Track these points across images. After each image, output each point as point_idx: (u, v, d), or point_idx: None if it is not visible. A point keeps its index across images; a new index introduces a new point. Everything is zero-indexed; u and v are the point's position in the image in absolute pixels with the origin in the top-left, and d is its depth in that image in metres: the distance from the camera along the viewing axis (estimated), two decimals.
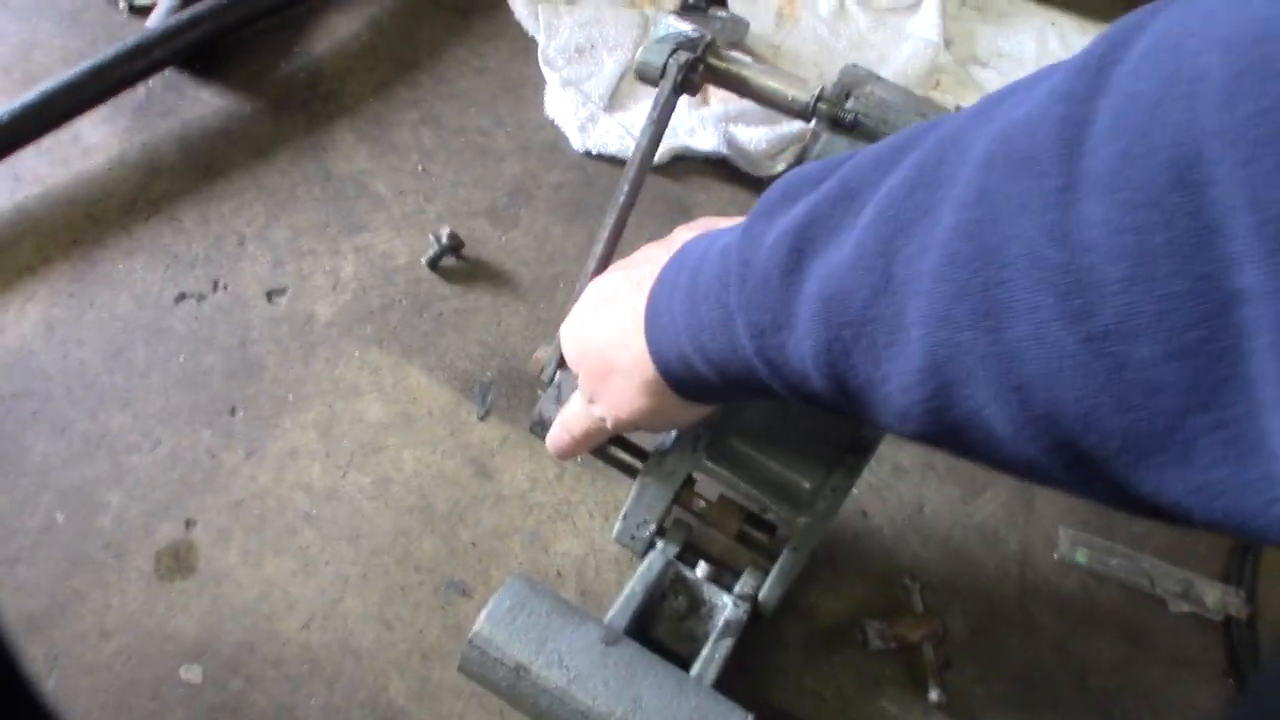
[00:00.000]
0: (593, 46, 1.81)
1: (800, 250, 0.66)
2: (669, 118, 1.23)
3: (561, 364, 1.17)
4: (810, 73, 1.89)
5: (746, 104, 1.76)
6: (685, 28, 1.25)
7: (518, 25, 1.82)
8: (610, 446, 1.23)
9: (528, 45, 1.80)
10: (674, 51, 1.22)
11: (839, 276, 0.63)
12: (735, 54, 1.34)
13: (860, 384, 0.64)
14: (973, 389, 0.56)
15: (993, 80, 2.03)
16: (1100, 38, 0.51)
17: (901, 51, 1.98)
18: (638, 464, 1.22)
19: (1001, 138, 0.54)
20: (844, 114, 1.28)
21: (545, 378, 1.20)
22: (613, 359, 0.95)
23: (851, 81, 1.60)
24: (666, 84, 1.21)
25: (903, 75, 1.93)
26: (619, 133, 1.67)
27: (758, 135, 1.73)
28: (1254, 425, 0.46)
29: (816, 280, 0.65)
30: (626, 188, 1.21)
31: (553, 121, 1.71)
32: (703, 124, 1.71)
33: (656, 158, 1.66)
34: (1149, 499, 0.52)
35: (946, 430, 0.60)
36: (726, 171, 1.71)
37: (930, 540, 1.41)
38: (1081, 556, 1.43)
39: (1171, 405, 0.48)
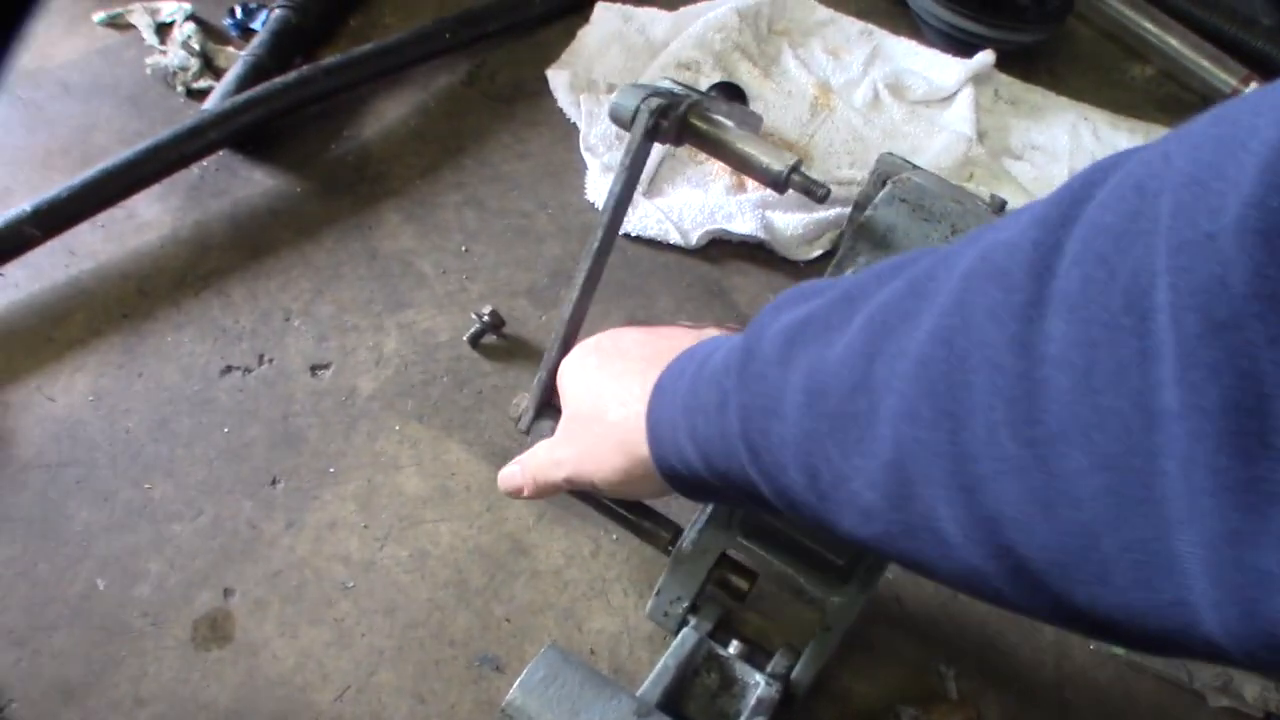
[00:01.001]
0: None
1: (795, 342, 0.70)
2: (642, 164, 1.23)
3: (539, 413, 1.19)
4: (844, 161, 1.93)
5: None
6: (675, 87, 1.27)
7: (559, 113, 1.87)
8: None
9: (569, 132, 1.84)
10: (647, 98, 1.23)
11: (826, 370, 0.66)
12: (718, 118, 1.29)
13: (831, 478, 0.66)
14: (930, 488, 0.58)
15: (1026, 173, 2.06)
16: (1080, 173, 0.55)
17: (935, 143, 2.01)
18: (621, 510, 1.22)
19: (982, 255, 0.57)
20: (816, 187, 1.22)
21: (522, 427, 1.22)
22: (605, 409, 0.97)
23: (889, 169, 1.63)
24: (638, 129, 1.21)
25: (936, 166, 1.96)
26: (658, 216, 1.71)
27: (794, 221, 1.77)
28: (1164, 546, 0.47)
29: (805, 372, 0.68)
30: (600, 233, 1.21)
31: (594, 205, 1.74)
32: (740, 209, 1.75)
33: (696, 241, 1.69)
34: (1087, 616, 0.54)
35: (902, 531, 0.62)
36: (764, 256, 1.74)
37: (965, 627, 1.40)
38: (1119, 648, 1.42)
39: (1092, 519, 0.50)
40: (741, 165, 1.34)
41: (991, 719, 1.33)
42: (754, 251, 1.74)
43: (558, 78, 1.94)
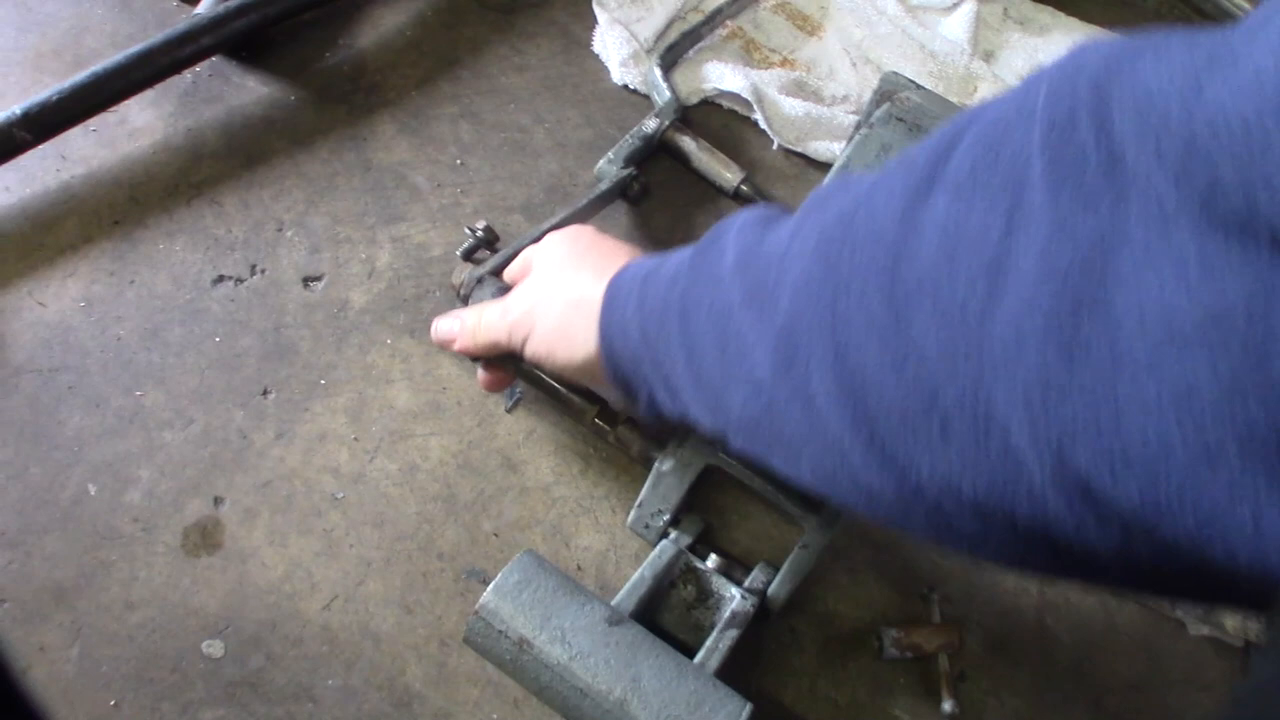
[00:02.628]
0: None
1: (744, 231, 0.80)
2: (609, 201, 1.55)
3: (481, 280, 1.33)
4: (844, 66, 1.90)
5: (794, 76, 1.85)
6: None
7: (559, 24, 1.84)
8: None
9: (568, 44, 1.82)
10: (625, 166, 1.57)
11: (759, 249, 0.74)
12: (685, 136, 1.65)
13: (738, 346, 0.72)
14: (810, 352, 0.64)
15: None
16: (940, 134, 0.62)
17: (936, 50, 1.99)
18: (559, 387, 1.32)
19: (903, 153, 0.66)
20: (756, 197, 1.61)
21: (464, 292, 1.34)
22: (572, 284, 1.08)
23: (891, 88, 1.62)
24: (613, 190, 1.55)
25: (939, 78, 1.93)
26: (654, 78, 1.75)
27: (793, 103, 1.80)
28: (989, 394, 0.53)
29: (742, 248, 0.76)
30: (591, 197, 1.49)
31: (599, 56, 1.82)
32: (735, 73, 1.81)
33: (687, 99, 1.79)
34: (930, 493, 0.59)
35: (783, 402, 0.67)
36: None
37: (950, 552, 1.41)
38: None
39: (933, 374, 0.55)
40: (701, 173, 1.65)
41: (972, 642, 1.34)
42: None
43: None
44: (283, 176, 1.55)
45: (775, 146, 1.76)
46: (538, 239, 1.33)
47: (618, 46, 1.79)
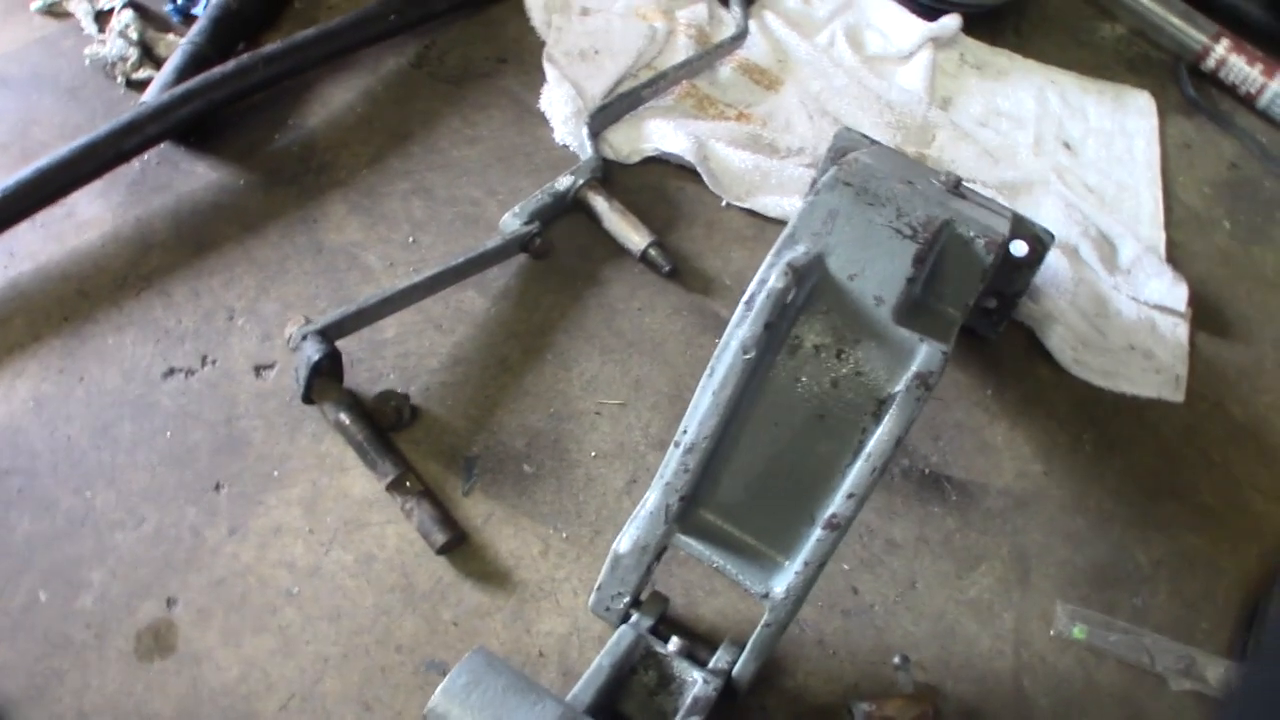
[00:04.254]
0: (597, 52, 1.90)
1: None
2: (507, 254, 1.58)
3: (305, 337, 1.35)
4: (801, 119, 1.89)
5: (748, 129, 1.84)
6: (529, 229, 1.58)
7: (511, 93, 1.83)
8: (341, 414, 1.34)
9: (520, 113, 1.81)
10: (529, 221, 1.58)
11: None
12: (599, 196, 1.66)
13: None
14: None
15: (990, 139, 2.02)
16: None
17: (894, 100, 1.98)
18: (356, 434, 1.33)
19: None
20: (664, 263, 1.62)
21: (291, 345, 1.36)
22: None
23: (845, 144, 1.61)
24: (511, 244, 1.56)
25: (897, 128, 1.92)
26: (580, 135, 1.76)
27: (737, 156, 1.80)
28: None
29: None
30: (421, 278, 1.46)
31: (545, 116, 1.81)
32: (678, 130, 1.79)
33: (628, 158, 1.79)
34: None
35: None
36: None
37: (922, 617, 1.38)
38: (1080, 632, 1.40)
39: None
40: (612, 232, 1.65)
41: (948, 711, 1.31)
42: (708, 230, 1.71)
43: None
44: (233, 263, 1.54)
45: (725, 205, 1.75)
46: (390, 298, 1.40)
47: (562, 104, 1.79)
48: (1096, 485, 1.57)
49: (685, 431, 1.10)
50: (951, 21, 2.17)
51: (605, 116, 1.79)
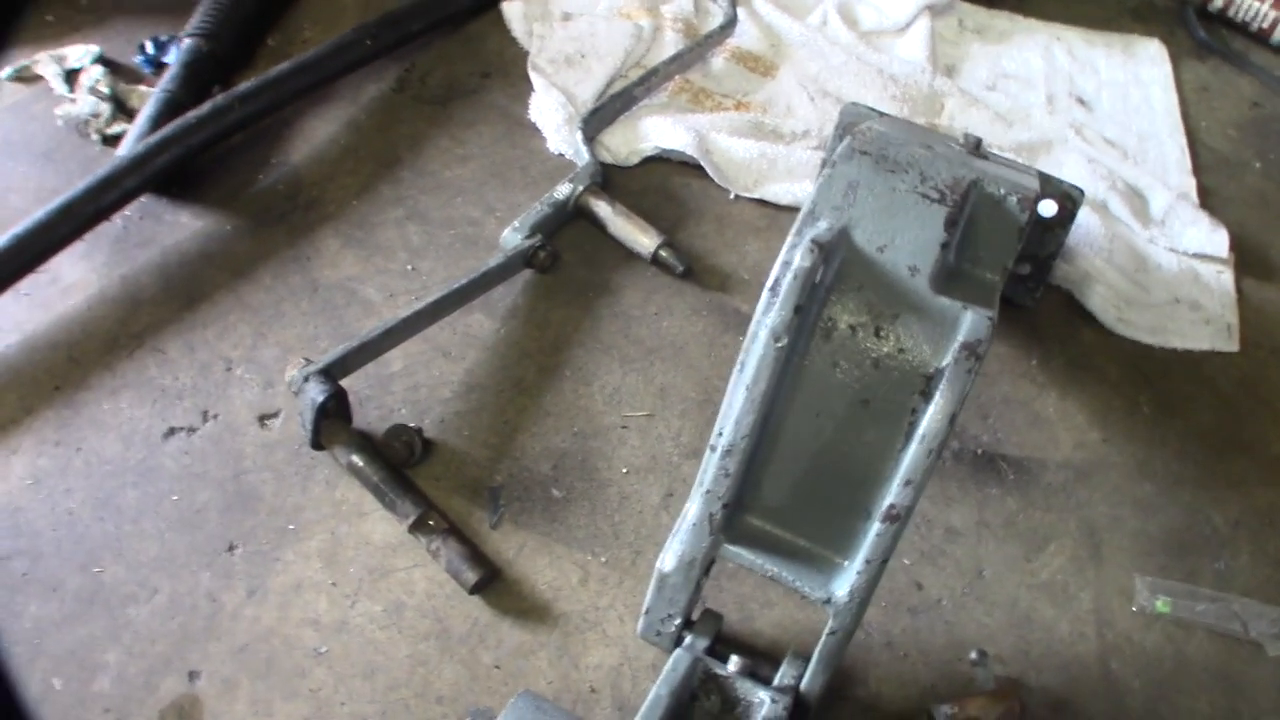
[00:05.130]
0: (583, 56, 1.83)
1: None
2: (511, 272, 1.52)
3: (307, 379, 1.27)
4: (803, 100, 1.81)
5: (749, 118, 1.77)
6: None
7: (498, 107, 1.77)
8: (353, 456, 1.27)
9: (510, 126, 1.74)
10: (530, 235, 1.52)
11: None
12: (601, 201, 1.59)
13: None
14: None
15: (1000, 103, 1.94)
16: None
17: (897, 73, 1.91)
18: (372, 475, 1.27)
19: None
20: (677, 263, 1.55)
21: (293, 390, 1.28)
22: None
23: (852, 119, 1.53)
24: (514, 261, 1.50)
25: (903, 101, 1.85)
26: (575, 141, 1.69)
27: (739, 145, 1.72)
28: None
29: None
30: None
31: (535, 126, 1.75)
32: (676, 125, 1.73)
33: (627, 160, 1.73)
34: None
35: None
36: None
37: (995, 607, 1.29)
38: (1164, 605, 1.31)
39: None
40: (619, 238, 1.58)
41: (1035, 704, 1.22)
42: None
43: (512, 8, 1.92)
44: (226, 312, 1.47)
45: (733, 197, 1.68)
46: (392, 329, 1.34)
47: (553, 112, 1.73)
48: (1159, 448, 1.48)
49: (720, 434, 1.02)
50: None
51: (599, 120, 1.71)
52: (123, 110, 1.69)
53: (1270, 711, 1.26)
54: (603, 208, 1.57)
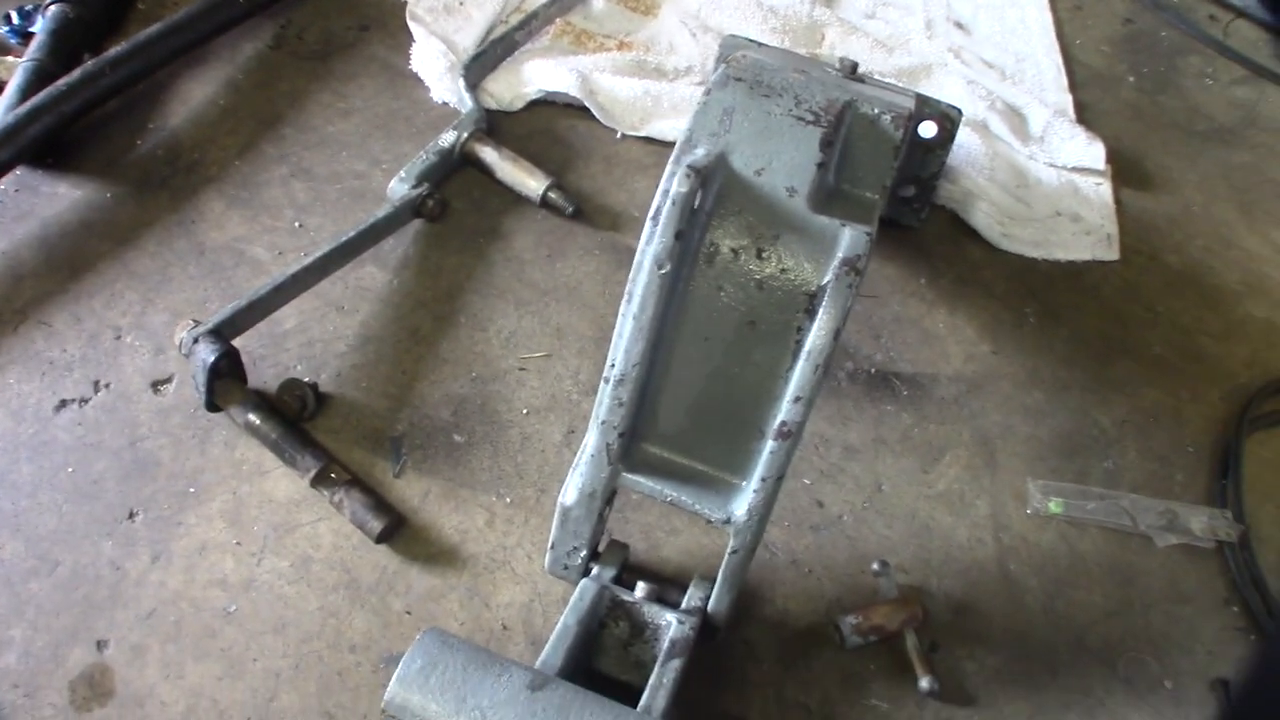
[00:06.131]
0: (461, 3, 1.82)
1: None
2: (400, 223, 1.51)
3: (197, 340, 1.26)
4: (685, 38, 1.82)
5: (631, 57, 1.78)
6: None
7: (379, 59, 1.74)
8: (250, 415, 1.27)
9: (392, 77, 1.72)
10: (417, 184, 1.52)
11: None
12: (487, 147, 1.58)
13: None
14: None
15: (880, 30, 1.96)
16: None
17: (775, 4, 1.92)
18: (270, 433, 1.26)
19: None
20: (566, 204, 1.56)
21: (184, 352, 1.28)
22: None
23: (731, 50, 1.54)
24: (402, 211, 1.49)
25: (783, 32, 1.86)
26: (458, 89, 1.69)
27: (624, 85, 1.73)
28: None
29: None
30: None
31: (418, 76, 1.73)
32: (559, 66, 1.74)
33: (511, 105, 1.73)
34: None
35: None
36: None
37: (894, 519, 1.33)
38: (1056, 506, 1.35)
39: None
40: (507, 183, 1.58)
41: (936, 609, 1.26)
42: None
43: None
44: (112, 280, 1.44)
45: (620, 136, 1.68)
46: (281, 285, 1.33)
47: (434, 61, 1.71)
48: (1047, 356, 1.52)
49: (613, 365, 1.03)
50: None
51: (481, 66, 1.70)
52: None
53: (1161, 599, 1.31)
54: (489, 153, 1.56)
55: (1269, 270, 1.71)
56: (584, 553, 1.11)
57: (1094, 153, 1.78)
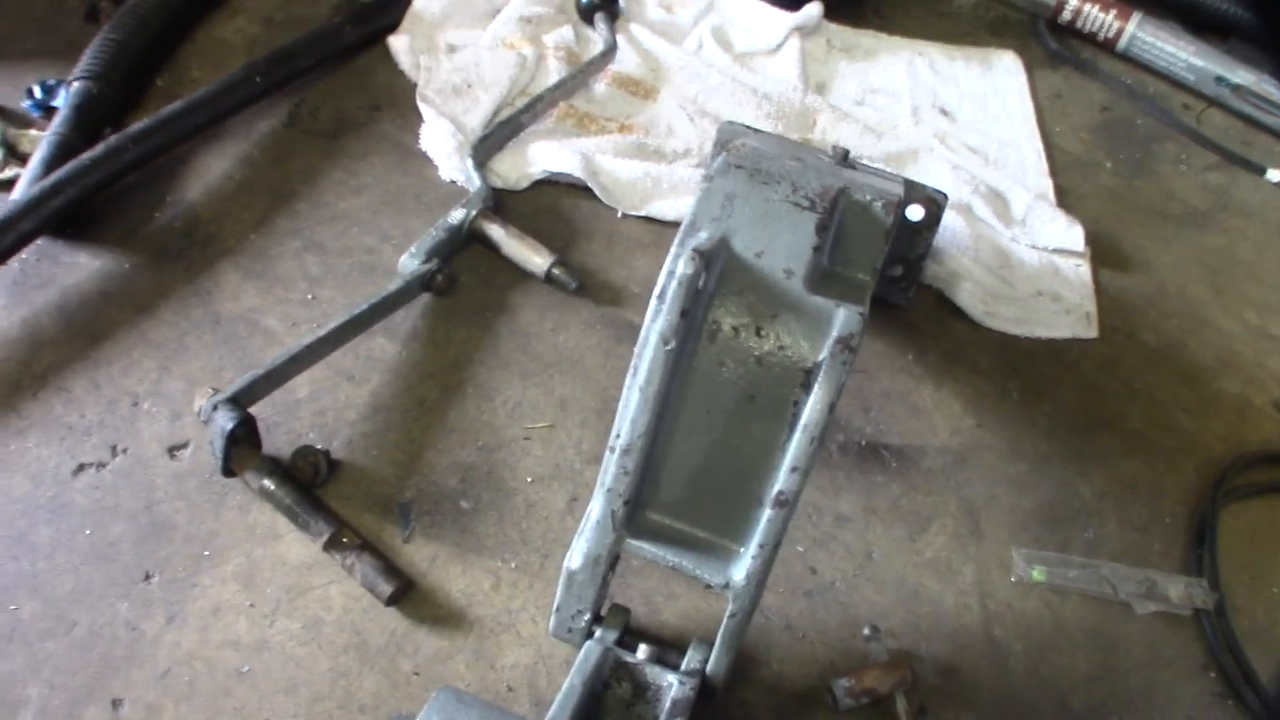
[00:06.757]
0: (469, 86, 1.89)
1: None
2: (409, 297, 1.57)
3: (215, 408, 1.30)
4: (682, 122, 1.90)
5: (632, 140, 1.84)
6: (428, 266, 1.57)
7: (389, 138, 1.81)
8: (265, 481, 1.31)
9: (402, 155, 1.79)
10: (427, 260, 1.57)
11: None
12: (494, 224, 1.64)
13: None
14: None
15: (869, 116, 2.04)
16: None
17: (770, 92, 2.00)
18: (284, 498, 1.30)
19: None
20: (570, 280, 1.61)
21: (202, 419, 1.33)
22: None
23: (728, 136, 1.61)
24: (411, 285, 1.54)
25: (778, 118, 1.94)
26: (465, 168, 1.74)
27: (625, 166, 1.80)
28: None
29: None
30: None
31: (427, 155, 1.80)
32: (563, 148, 1.80)
33: (517, 184, 1.79)
34: None
35: None
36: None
37: (884, 585, 1.38)
38: (1039, 574, 1.40)
39: None
40: (513, 259, 1.64)
41: (925, 673, 1.30)
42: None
43: (398, 42, 1.97)
44: (130, 348, 1.49)
45: (621, 215, 1.75)
46: (297, 355, 1.37)
47: (443, 140, 1.78)
48: (1030, 429, 1.58)
49: (618, 435, 1.08)
50: (814, 9, 2.20)
51: (488, 146, 1.77)
52: (14, 155, 1.69)
53: (1141, 664, 1.36)
54: (496, 230, 1.63)
55: (1241, 348, 1.78)
56: (588, 616, 1.15)
57: (1073, 235, 1.85)
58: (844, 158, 1.42)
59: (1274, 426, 1.68)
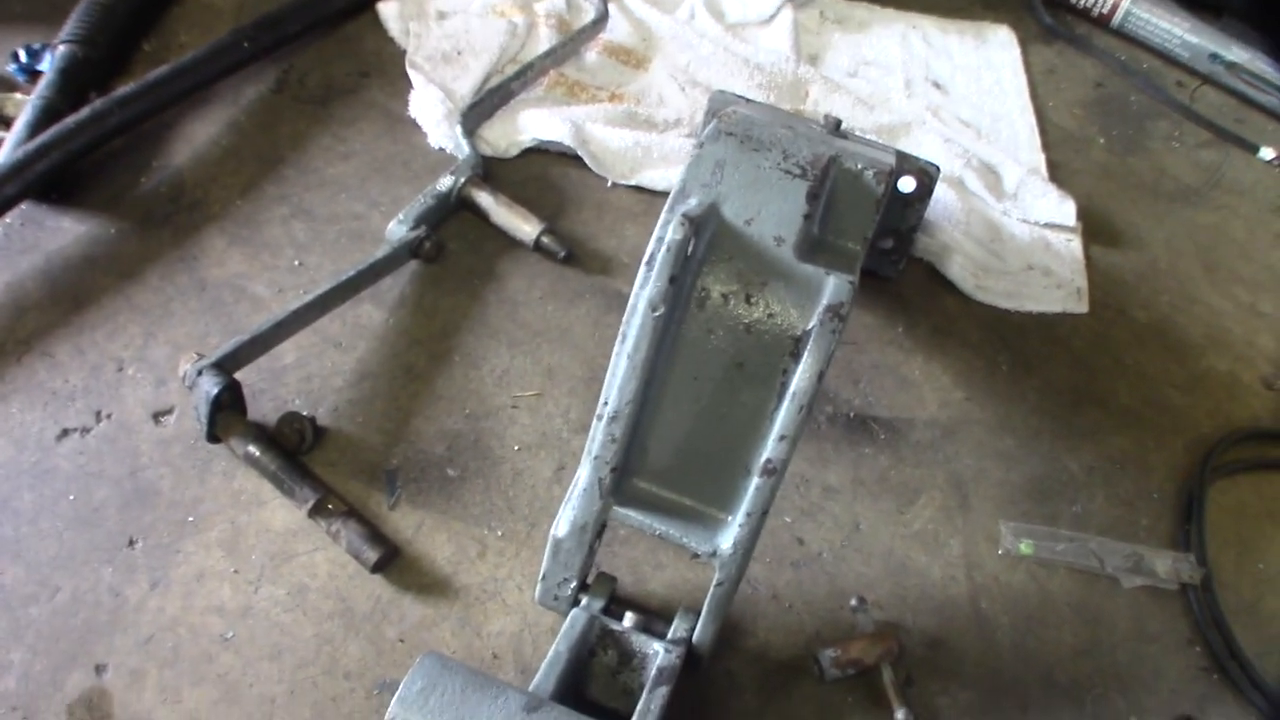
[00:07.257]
0: (459, 53, 1.88)
1: None
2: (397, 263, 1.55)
3: (200, 373, 1.29)
4: (674, 91, 1.88)
5: (623, 109, 1.83)
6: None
7: (378, 105, 1.80)
8: (250, 447, 1.30)
9: (391, 123, 1.77)
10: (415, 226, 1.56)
11: None
12: (483, 192, 1.63)
13: None
14: None
15: (861, 88, 2.03)
16: None
17: (762, 62, 1.99)
18: (269, 464, 1.29)
19: None
20: (559, 249, 1.60)
21: (187, 384, 1.31)
22: None
23: (720, 105, 1.60)
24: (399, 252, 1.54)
25: (769, 89, 1.93)
26: (455, 135, 1.74)
27: (615, 135, 1.79)
28: None
29: None
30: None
31: (416, 122, 1.78)
32: (553, 116, 1.79)
33: (507, 152, 1.77)
34: None
35: None
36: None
37: (872, 557, 1.37)
38: (1026, 548, 1.40)
39: None
40: (502, 227, 1.63)
41: (911, 644, 1.30)
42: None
43: (388, 8, 1.96)
44: (115, 313, 1.48)
45: (610, 184, 1.74)
46: (283, 321, 1.36)
47: (432, 107, 1.77)
48: (1019, 404, 1.58)
49: (606, 402, 1.08)
50: None
51: (478, 114, 1.76)
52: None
53: (1127, 638, 1.36)
54: (485, 198, 1.62)
55: (1231, 325, 1.78)
56: (574, 584, 1.15)
57: (1065, 210, 1.85)
58: (836, 127, 1.41)
59: (1262, 403, 1.68)
